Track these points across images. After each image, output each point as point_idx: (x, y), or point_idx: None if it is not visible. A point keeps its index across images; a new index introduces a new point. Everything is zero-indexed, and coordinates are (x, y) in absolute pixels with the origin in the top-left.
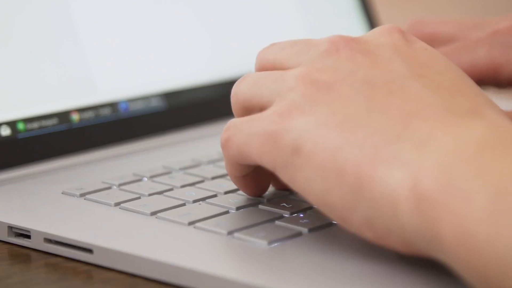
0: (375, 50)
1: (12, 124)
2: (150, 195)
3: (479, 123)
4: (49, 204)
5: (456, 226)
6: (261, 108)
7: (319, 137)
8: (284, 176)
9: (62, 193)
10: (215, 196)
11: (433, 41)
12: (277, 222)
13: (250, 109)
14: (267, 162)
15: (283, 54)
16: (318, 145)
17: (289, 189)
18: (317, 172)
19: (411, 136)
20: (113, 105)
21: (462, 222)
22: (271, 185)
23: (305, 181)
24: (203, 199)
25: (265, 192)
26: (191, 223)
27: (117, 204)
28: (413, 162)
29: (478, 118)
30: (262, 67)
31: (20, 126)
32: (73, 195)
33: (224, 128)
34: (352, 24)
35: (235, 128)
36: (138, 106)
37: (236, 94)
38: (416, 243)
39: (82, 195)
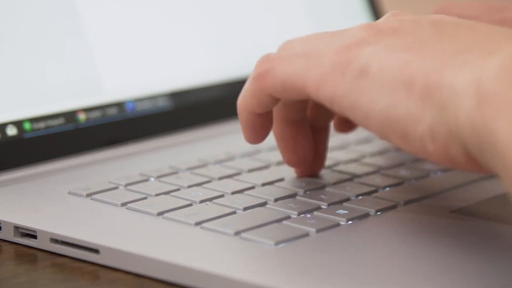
0: (436, 16)
1: (18, 124)
2: (156, 195)
3: None
4: (56, 204)
5: None
6: None
7: (387, 58)
8: (344, 104)
9: (69, 193)
10: (222, 196)
11: None
12: (284, 222)
13: None
14: (325, 92)
15: (324, 42)
16: (386, 64)
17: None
18: (383, 89)
19: (479, 48)
20: (119, 105)
21: None
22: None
23: (368, 102)
24: (210, 199)
25: (264, 138)
26: (198, 224)
27: (123, 204)
28: (479, 65)
29: None
30: None
31: (27, 126)
32: (80, 195)
33: (260, 59)
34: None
35: (281, 60)
36: (145, 106)
37: (283, 49)
38: (474, 149)
39: (88, 195)
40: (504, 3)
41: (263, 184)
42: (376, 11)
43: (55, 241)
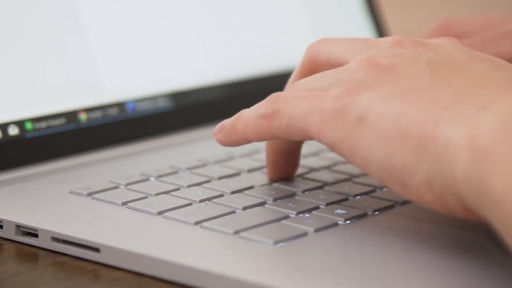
0: (437, 46)
1: (20, 123)
2: (157, 194)
3: None
4: (57, 203)
5: (508, 180)
6: None
7: (384, 106)
8: (344, 149)
9: (70, 192)
10: (221, 196)
11: (462, 39)
12: (283, 222)
13: None
14: (326, 137)
15: (340, 49)
16: (382, 113)
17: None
18: (380, 138)
19: (474, 99)
20: (120, 105)
21: None
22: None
23: (366, 150)
24: (209, 199)
25: None
26: (197, 223)
27: (124, 203)
28: (473, 119)
29: None
30: (313, 61)
31: (28, 125)
32: (81, 195)
33: (268, 99)
34: (359, 26)
35: (287, 101)
36: (145, 106)
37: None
38: (470, 200)
39: (89, 194)
40: (504, 14)
41: (262, 184)
42: (374, 12)
43: (56, 239)
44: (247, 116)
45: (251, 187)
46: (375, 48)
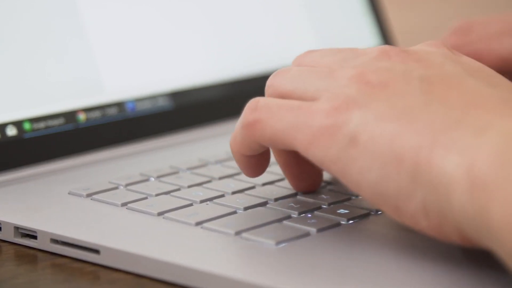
0: (426, 56)
1: (18, 124)
2: (157, 195)
3: None
4: (56, 204)
5: (506, 210)
6: None
7: (377, 127)
8: (335, 169)
9: (69, 193)
10: (222, 196)
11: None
12: (285, 222)
13: None
14: (315, 155)
15: (324, 60)
16: (375, 135)
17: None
18: (373, 161)
19: (469, 123)
20: (120, 105)
21: None
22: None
23: (359, 172)
24: (210, 199)
25: (262, 173)
26: (198, 223)
27: (124, 204)
28: (470, 147)
29: None
30: None
31: (27, 126)
32: (80, 195)
33: (248, 106)
34: (360, 25)
35: (270, 112)
36: (145, 106)
37: (273, 86)
38: (468, 230)
39: (88, 195)
40: None
41: (264, 184)
42: (376, 11)
43: (55, 241)
44: (234, 132)
45: (252, 187)
46: (361, 58)
